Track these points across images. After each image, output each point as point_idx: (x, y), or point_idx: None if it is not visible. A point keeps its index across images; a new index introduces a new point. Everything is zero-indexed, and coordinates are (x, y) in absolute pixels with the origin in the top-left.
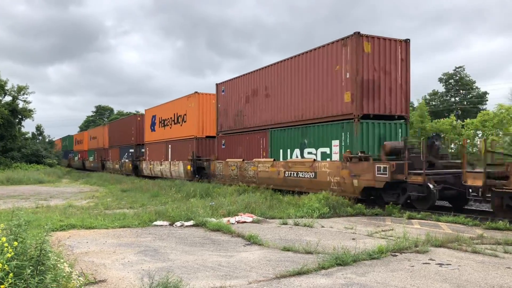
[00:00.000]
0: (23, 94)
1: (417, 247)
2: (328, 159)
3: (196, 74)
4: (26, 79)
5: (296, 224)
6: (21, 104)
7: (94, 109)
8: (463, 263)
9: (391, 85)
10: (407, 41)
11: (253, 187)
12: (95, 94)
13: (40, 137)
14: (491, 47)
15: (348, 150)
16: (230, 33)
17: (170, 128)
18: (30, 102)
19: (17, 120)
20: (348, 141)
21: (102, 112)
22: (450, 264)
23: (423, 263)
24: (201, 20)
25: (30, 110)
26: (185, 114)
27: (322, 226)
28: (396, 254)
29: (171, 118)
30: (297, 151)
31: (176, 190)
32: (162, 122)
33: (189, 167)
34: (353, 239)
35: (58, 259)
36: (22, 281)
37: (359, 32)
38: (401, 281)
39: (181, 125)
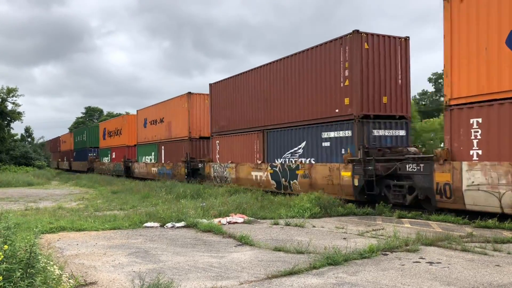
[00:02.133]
0: (12, 96)
1: (407, 246)
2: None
3: (184, 74)
4: (11, 80)
5: (287, 224)
6: (10, 106)
7: (84, 110)
8: (453, 262)
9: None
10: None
11: (244, 188)
12: (82, 95)
13: (29, 139)
14: None
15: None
16: (216, 33)
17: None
18: (20, 105)
19: (5, 122)
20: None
21: (91, 114)
22: (440, 263)
23: (414, 262)
24: (186, 20)
25: (19, 113)
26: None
27: (313, 226)
28: (387, 253)
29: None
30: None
31: (166, 191)
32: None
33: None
34: (344, 238)
35: (48, 261)
36: (12, 284)
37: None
38: (391, 280)
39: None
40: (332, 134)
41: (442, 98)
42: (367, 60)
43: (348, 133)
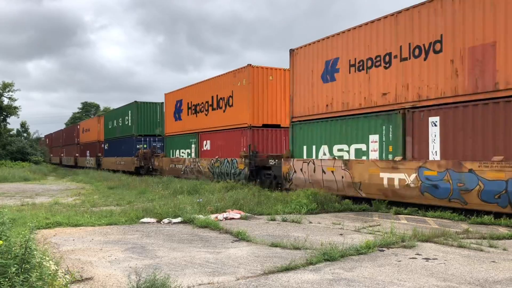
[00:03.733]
0: (8, 91)
1: (404, 242)
2: None
3: (178, 69)
4: (4, 74)
5: (284, 220)
6: (6, 101)
7: (80, 106)
8: (449, 258)
9: None
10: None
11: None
12: (77, 90)
13: (25, 134)
14: None
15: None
16: (209, 28)
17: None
18: (15, 100)
19: (1, 117)
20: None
21: (88, 109)
22: (437, 259)
23: (410, 258)
24: (180, 15)
25: (16, 107)
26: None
27: (310, 222)
28: (383, 249)
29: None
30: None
31: (163, 187)
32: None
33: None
34: (341, 234)
35: (44, 257)
36: (7, 279)
37: None
38: (388, 276)
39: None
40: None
41: None
42: None
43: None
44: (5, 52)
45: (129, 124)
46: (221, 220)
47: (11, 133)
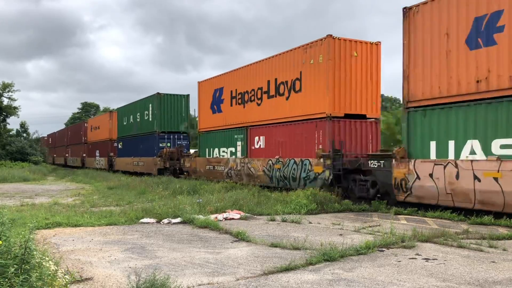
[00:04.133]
0: (8, 91)
1: (403, 243)
2: None
3: (178, 70)
4: (4, 75)
5: (284, 221)
6: (5, 101)
7: (80, 106)
8: (449, 258)
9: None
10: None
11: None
12: (76, 91)
13: (24, 134)
14: None
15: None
16: (208, 28)
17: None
18: (15, 100)
19: (1, 118)
20: None
21: (88, 109)
22: (436, 259)
23: (410, 258)
24: (178, 15)
25: (15, 108)
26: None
27: (310, 222)
28: (383, 249)
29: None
30: None
31: (163, 187)
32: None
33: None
34: (341, 235)
35: (43, 257)
36: (6, 280)
37: None
38: (388, 276)
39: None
40: None
41: None
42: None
43: None
44: (4, 52)
45: (150, 119)
46: (220, 220)
47: (10, 133)
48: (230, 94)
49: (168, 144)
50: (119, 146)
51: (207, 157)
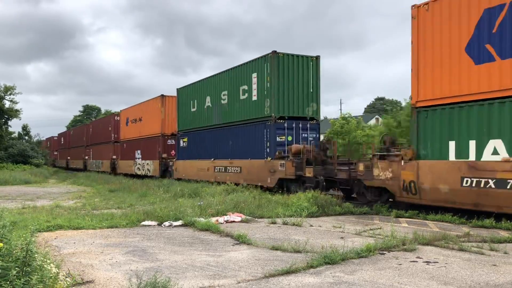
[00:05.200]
0: (10, 94)
1: (404, 246)
2: None
3: (177, 72)
4: (4, 77)
5: (285, 223)
6: (7, 104)
7: (81, 109)
8: (450, 261)
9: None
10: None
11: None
12: (77, 93)
13: (26, 137)
14: None
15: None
16: (207, 31)
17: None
18: (17, 102)
19: (3, 120)
20: None
21: (89, 112)
22: (437, 262)
23: (411, 261)
24: (177, 17)
25: (17, 110)
26: None
27: (311, 225)
28: (384, 252)
29: None
30: None
31: (164, 190)
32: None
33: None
34: (342, 237)
35: (45, 260)
36: (8, 282)
37: None
38: (389, 279)
39: None
40: None
41: None
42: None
43: None
44: (4, 55)
45: (256, 97)
46: (221, 223)
47: (12, 136)
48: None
49: (290, 138)
50: (183, 144)
51: (450, 159)
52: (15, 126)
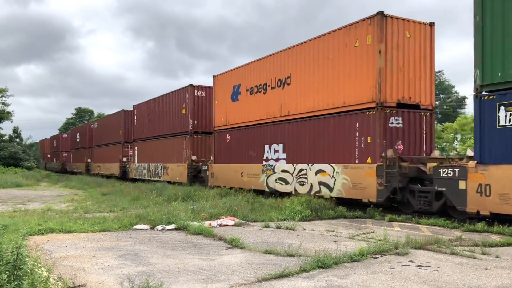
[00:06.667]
0: (1, 96)
1: (397, 249)
2: None
3: (169, 75)
4: None
5: (278, 227)
6: None
7: (74, 111)
8: (442, 265)
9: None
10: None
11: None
12: (68, 96)
13: (17, 140)
14: (462, 50)
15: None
16: (199, 33)
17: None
18: (9, 105)
19: None
20: None
21: (82, 115)
22: (430, 266)
23: (403, 265)
24: (168, 20)
25: (9, 112)
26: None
27: (304, 229)
28: (377, 256)
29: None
30: None
31: (157, 193)
32: None
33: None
34: (335, 241)
35: (36, 263)
36: None
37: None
38: (381, 283)
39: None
40: None
41: None
42: None
43: None
44: None
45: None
46: (214, 227)
47: (3, 138)
48: None
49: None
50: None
51: None
52: (6, 129)
